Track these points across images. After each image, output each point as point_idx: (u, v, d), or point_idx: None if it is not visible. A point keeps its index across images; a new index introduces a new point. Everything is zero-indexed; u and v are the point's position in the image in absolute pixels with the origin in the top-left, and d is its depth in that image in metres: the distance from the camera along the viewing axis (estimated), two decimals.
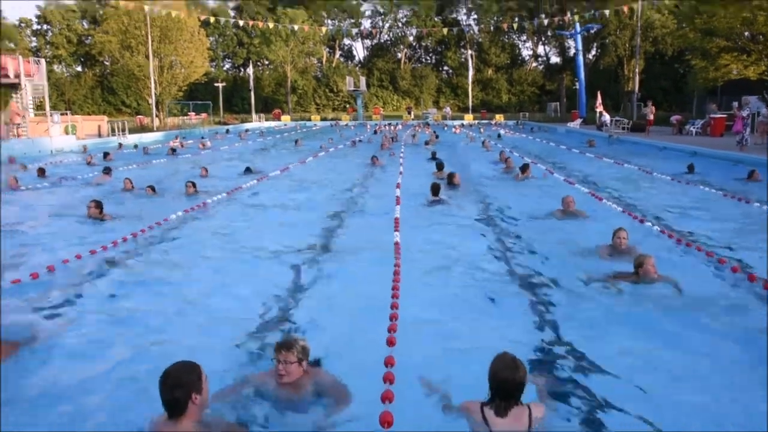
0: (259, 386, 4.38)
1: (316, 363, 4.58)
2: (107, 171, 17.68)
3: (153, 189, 14.20)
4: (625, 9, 45.52)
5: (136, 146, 29.49)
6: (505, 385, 3.73)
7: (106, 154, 23.58)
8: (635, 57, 47.29)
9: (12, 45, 68.69)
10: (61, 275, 7.47)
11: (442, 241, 9.51)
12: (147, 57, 44.46)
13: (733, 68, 32.39)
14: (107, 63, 71.09)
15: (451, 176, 15.04)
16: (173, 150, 26.21)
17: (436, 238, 9.70)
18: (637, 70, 45.76)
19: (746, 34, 32.39)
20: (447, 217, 11.43)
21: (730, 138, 25.50)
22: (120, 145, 30.37)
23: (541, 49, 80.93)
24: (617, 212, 11.39)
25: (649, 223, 10.11)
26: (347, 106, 73.69)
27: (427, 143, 29.51)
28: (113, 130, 36.58)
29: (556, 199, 11.60)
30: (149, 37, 43.16)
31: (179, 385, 3.35)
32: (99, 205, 10.97)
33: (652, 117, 33.96)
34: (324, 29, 71.97)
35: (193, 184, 14.08)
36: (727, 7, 30.50)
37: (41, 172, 17.99)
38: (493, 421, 3.72)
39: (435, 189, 12.77)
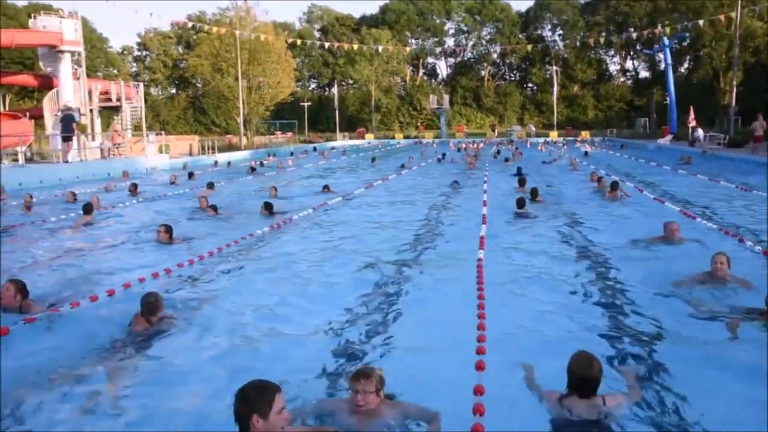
0: (334, 414, 4.22)
1: (390, 397, 4.33)
2: (210, 186, 18.74)
3: (215, 209, 13.93)
4: (722, 18, 43.46)
5: (229, 163, 30.94)
6: (581, 382, 4.14)
7: (191, 174, 24.16)
8: (733, 69, 45.02)
9: (116, 71, 73.29)
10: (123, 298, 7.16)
11: (527, 258, 9.35)
12: (236, 79, 46.13)
13: None
14: (199, 85, 74.37)
15: (534, 192, 15.23)
16: (253, 169, 26.59)
17: (520, 255, 9.55)
18: (734, 82, 43.51)
19: None
20: (533, 231, 11.54)
21: None
22: (215, 163, 31.48)
23: (629, 64, 78.69)
24: (713, 231, 10.77)
25: (751, 243, 9.48)
26: (421, 123, 73.75)
27: (507, 160, 29.37)
28: (203, 149, 38.09)
29: (649, 219, 11.12)
30: (239, 59, 44.77)
31: (243, 401, 3.27)
32: (169, 229, 10.70)
33: (761, 132, 30.01)
34: (408, 48, 72.66)
35: (267, 206, 13.66)
36: None
37: (134, 188, 18.74)
38: (571, 408, 4.15)
39: (520, 203, 13.22)
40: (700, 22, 44.34)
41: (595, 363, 4.16)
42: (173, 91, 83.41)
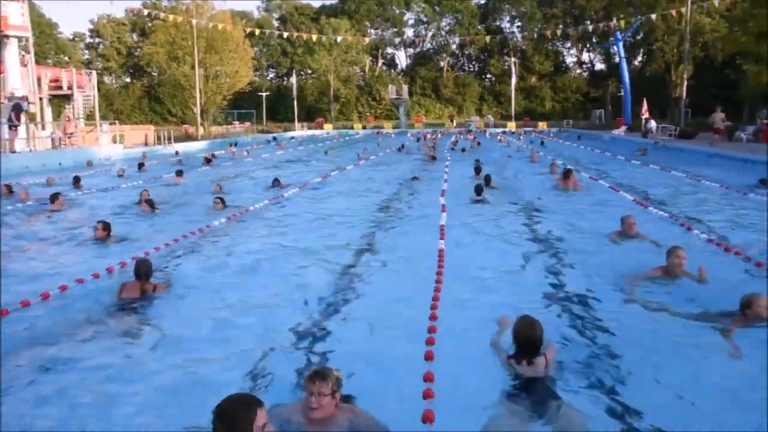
0: (285, 421, 3.87)
1: (348, 398, 4.17)
2: (180, 173, 18.31)
3: (151, 205, 12.98)
4: (674, 13, 44.51)
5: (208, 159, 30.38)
6: (525, 342, 4.64)
7: (140, 165, 23.38)
8: (683, 63, 46.17)
9: (66, 58, 71.30)
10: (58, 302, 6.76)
11: (483, 245, 9.64)
12: (193, 67, 45.37)
13: None
14: (155, 74, 72.92)
15: (487, 178, 15.94)
16: (208, 160, 25.85)
17: (477, 243, 9.80)
18: (685, 76, 44.65)
19: None
20: (490, 218, 11.89)
21: None
22: (177, 152, 30.87)
23: (585, 56, 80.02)
24: (664, 218, 11.09)
25: (697, 231, 9.78)
26: (376, 113, 73.82)
27: (464, 150, 30.07)
28: (159, 139, 37.40)
29: (605, 207, 11.40)
30: (195, 48, 44.01)
31: (221, 419, 2.94)
32: (107, 226, 9.87)
33: (721, 124, 29.94)
34: (367, 39, 72.47)
35: (222, 200, 13.03)
36: None
37: (76, 181, 17.61)
38: (517, 367, 4.59)
39: (478, 189, 13.80)
40: (653, 16, 45.36)
41: (537, 325, 4.68)
42: (128, 79, 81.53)
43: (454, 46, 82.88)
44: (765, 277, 7.09)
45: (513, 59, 72.26)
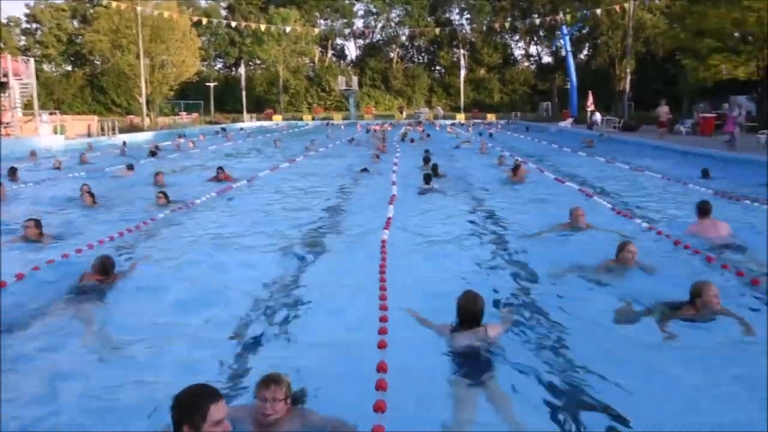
0: (236, 424, 3.63)
1: (300, 392, 4.13)
2: (130, 167, 17.87)
3: (93, 197, 12.53)
4: (617, 9, 45.59)
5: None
6: (468, 314, 5.02)
7: (82, 156, 22.52)
8: (627, 57, 47.38)
9: (1, 45, 68.46)
10: None
11: (431, 233, 9.83)
12: (138, 56, 44.22)
13: (723, 68, 32.52)
14: (98, 62, 70.73)
15: (434, 167, 16.44)
16: (153, 152, 25.10)
17: (426, 231, 10.00)
18: (628, 70, 45.85)
19: (736, 34, 32.60)
20: (439, 207, 12.26)
21: (720, 137, 25.59)
22: (124, 143, 29.98)
23: (533, 49, 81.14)
24: (607, 208, 11.42)
25: (638, 220, 10.11)
26: (322, 105, 73.57)
27: (412, 140, 30.47)
28: (103, 130, 36.38)
29: (552, 198, 11.69)
30: (140, 36, 42.91)
31: (176, 407, 2.97)
32: (38, 224, 9.19)
33: (665, 118, 30.41)
34: (316, 29, 71.91)
35: (164, 195, 12.52)
36: (717, 8, 30.71)
37: (12, 173, 16.70)
38: (458, 338, 4.98)
39: (427, 178, 14.33)
40: (598, 11, 46.37)
41: (479, 300, 5.07)
42: (69, 68, 78.84)
43: (403, 38, 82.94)
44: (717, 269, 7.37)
45: (462, 51, 72.79)
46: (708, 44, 32.85)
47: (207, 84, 62.96)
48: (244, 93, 62.41)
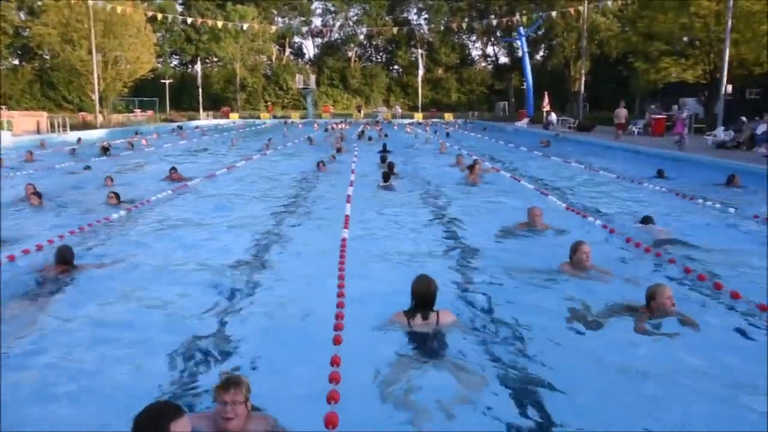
0: None
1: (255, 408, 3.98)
2: (87, 168, 17.51)
3: (39, 197, 12.05)
4: (572, 11, 46.49)
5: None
6: (421, 298, 5.26)
7: (29, 154, 21.65)
8: (581, 59, 48.33)
9: None
10: None
11: (389, 232, 10.00)
12: (90, 52, 43.14)
13: (673, 71, 33.45)
14: (47, 57, 68.72)
15: (390, 165, 16.52)
16: (105, 149, 24.29)
17: (383, 230, 10.12)
18: (583, 71, 46.78)
19: (684, 39, 33.60)
20: (396, 204, 12.45)
21: (670, 138, 26.32)
22: (79, 140, 29.14)
23: (490, 50, 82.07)
24: (561, 209, 11.63)
25: (592, 218, 10.33)
26: (273, 103, 73.15)
27: (370, 139, 30.73)
28: (53, 127, 35.39)
29: (508, 197, 11.87)
30: (92, 31, 41.85)
31: (135, 428, 2.83)
32: None
33: (624, 120, 30.78)
34: (274, 27, 71.31)
35: (116, 195, 12.13)
36: (666, 13, 31.61)
37: None
38: (412, 322, 5.21)
39: (385, 176, 14.63)
40: (553, 13, 47.23)
41: (432, 283, 5.32)
42: (16, 62, 76.48)
43: (362, 37, 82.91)
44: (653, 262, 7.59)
45: (420, 51, 73.18)
46: (658, 47, 33.78)
47: (162, 81, 61.75)
48: (200, 91, 61.52)
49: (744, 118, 25.91)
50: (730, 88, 28.39)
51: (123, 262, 7.99)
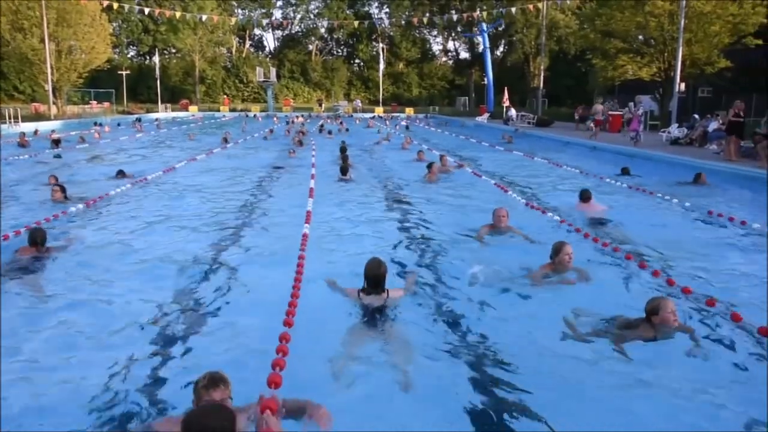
0: None
1: None
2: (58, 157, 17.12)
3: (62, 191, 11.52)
4: (531, 8, 47.08)
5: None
6: (373, 278, 5.84)
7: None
8: (540, 55, 49.00)
9: None
10: None
11: (347, 224, 10.14)
12: (42, 41, 41.95)
13: (629, 69, 34.19)
14: None
15: (345, 158, 17.22)
16: (56, 142, 23.30)
17: (342, 223, 10.25)
18: (542, 67, 47.44)
19: (640, 37, 34.36)
20: (354, 196, 12.81)
21: (625, 134, 26.92)
22: (36, 132, 28.15)
23: (450, 45, 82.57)
24: (522, 205, 11.81)
25: (550, 214, 10.50)
26: (228, 96, 72.49)
27: (330, 133, 31.26)
28: (4, 118, 34.33)
29: (470, 191, 11.98)
30: (45, 19, 40.70)
31: None
32: None
33: (600, 117, 29.50)
34: (234, 18, 70.38)
35: (62, 188, 11.41)
36: (623, 11, 32.28)
37: None
38: (364, 299, 5.81)
39: (343, 170, 14.99)
40: (513, 9, 47.73)
41: (383, 265, 5.91)
42: None
43: (322, 30, 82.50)
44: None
45: (381, 45, 73.25)
46: (615, 45, 34.49)
47: (119, 72, 60.49)
48: (158, 83, 60.43)
49: (696, 116, 26.72)
50: (683, 86, 29.23)
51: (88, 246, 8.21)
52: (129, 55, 79.95)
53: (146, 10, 54.97)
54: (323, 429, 3.57)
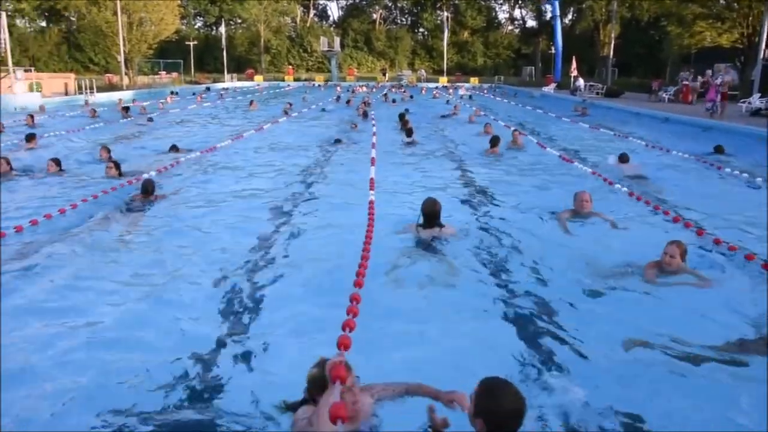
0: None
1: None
2: (30, 138, 14.85)
3: (58, 164, 11.40)
4: None
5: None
6: (429, 214, 6.86)
7: (31, 117, 20.24)
8: (611, 22, 47.20)
9: None
10: None
11: (414, 195, 9.76)
12: (115, 13, 43.12)
13: (708, 35, 32.55)
14: (73, 19, 68.78)
15: (405, 123, 18.16)
16: (126, 109, 23.92)
17: (408, 191, 10.25)
18: (612, 35, 45.73)
19: (721, 0, 32.57)
20: (420, 164, 13.20)
21: (700, 105, 25.70)
22: (86, 102, 29.22)
23: (517, 12, 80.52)
24: (588, 174, 11.47)
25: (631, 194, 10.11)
26: (292, 65, 72.77)
27: (394, 101, 31.56)
28: (80, 88, 35.61)
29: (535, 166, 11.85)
30: None
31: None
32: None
33: (690, 84, 28.11)
34: None
35: (116, 164, 11.12)
36: None
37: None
38: (421, 233, 6.88)
39: (408, 132, 16.13)
40: None
41: (437, 203, 6.93)
42: (43, 24, 76.65)
43: None
44: None
45: (446, 13, 72.00)
46: (693, 11, 32.82)
47: (187, 43, 61.74)
48: (224, 53, 61.37)
49: None
50: None
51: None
52: (196, 26, 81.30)
53: None
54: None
